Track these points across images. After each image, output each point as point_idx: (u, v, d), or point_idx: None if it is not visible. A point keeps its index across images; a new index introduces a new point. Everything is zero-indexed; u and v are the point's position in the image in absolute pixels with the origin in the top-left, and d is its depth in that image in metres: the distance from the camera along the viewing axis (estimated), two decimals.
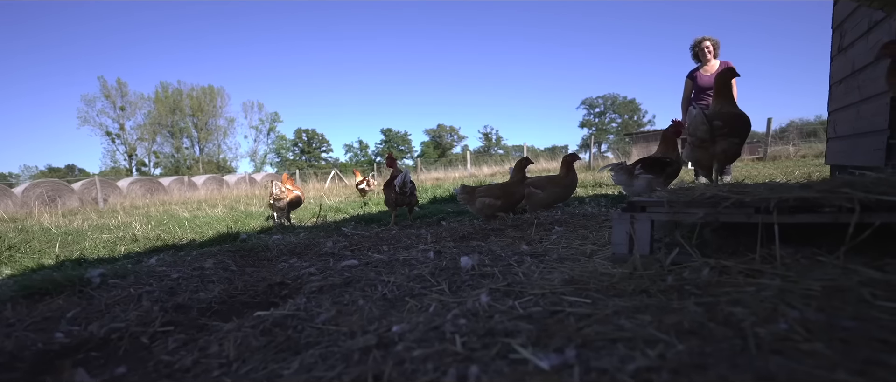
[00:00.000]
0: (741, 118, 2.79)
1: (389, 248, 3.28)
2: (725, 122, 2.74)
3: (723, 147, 2.75)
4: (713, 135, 2.77)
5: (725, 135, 2.70)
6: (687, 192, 2.04)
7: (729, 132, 2.71)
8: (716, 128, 2.70)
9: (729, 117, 2.79)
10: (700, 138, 2.79)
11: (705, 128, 2.73)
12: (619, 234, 2.06)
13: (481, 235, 3.57)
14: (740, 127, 2.77)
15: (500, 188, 3.92)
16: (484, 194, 3.91)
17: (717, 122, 2.69)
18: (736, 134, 2.73)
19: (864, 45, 3.17)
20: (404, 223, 4.92)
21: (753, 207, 1.74)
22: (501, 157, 44.11)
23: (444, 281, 1.95)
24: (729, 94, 2.82)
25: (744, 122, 2.76)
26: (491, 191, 3.92)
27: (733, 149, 2.78)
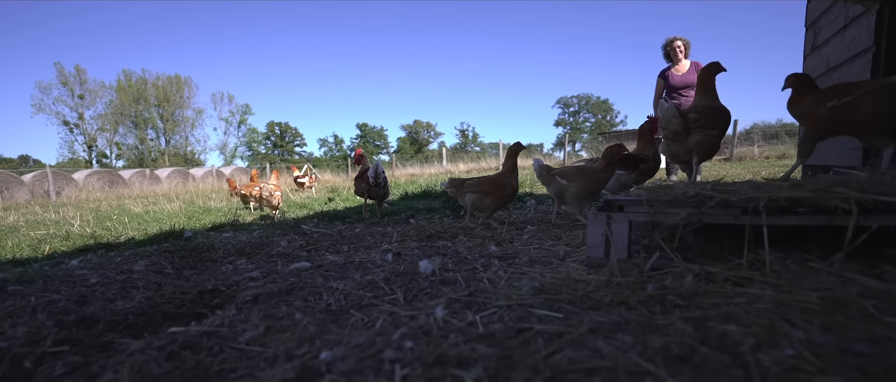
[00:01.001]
0: (719, 110, 2.66)
1: (349, 248, 3.02)
2: (701, 114, 2.63)
3: (698, 139, 2.64)
4: (687, 127, 2.66)
5: (701, 127, 2.59)
6: (667, 191, 1.87)
7: (704, 124, 2.60)
8: (691, 120, 2.58)
9: (705, 109, 2.67)
10: (673, 131, 2.68)
11: (677, 121, 2.62)
12: (594, 236, 1.87)
13: (449, 234, 3.35)
14: (717, 119, 2.64)
15: (489, 182, 3.51)
16: (472, 188, 3.50)
17: (692, 115, 2.57)
18: (712, 125, 2.62)
19: (840, 41, 3.10)
20: (372, 220, 4.66)
21: (740, 208, 1.58)
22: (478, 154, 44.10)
23: (399, 288, 1.71)
24: (711, 89, 2.70)
25: (722, 115, 2.65)
26: (480, 184, 3.39)
27: (710, 141, 2.66)
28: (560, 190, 3.33)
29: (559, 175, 3.23)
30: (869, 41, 2.64)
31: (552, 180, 3.27)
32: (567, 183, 3.16)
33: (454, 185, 3.63)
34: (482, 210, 3.51)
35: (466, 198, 3.52)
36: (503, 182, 3.46)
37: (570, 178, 3.16)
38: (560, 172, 3.25)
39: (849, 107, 1.98)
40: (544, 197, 5.86)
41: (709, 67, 2.75)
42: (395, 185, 9.36)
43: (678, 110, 2.67)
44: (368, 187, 4.45)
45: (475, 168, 24.76)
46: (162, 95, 53.41)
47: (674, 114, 2.58)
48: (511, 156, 3.55)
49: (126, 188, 21.13)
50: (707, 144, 2.63)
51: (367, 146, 56.15)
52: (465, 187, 3.55)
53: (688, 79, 6.40)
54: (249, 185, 7.27)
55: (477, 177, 3.66)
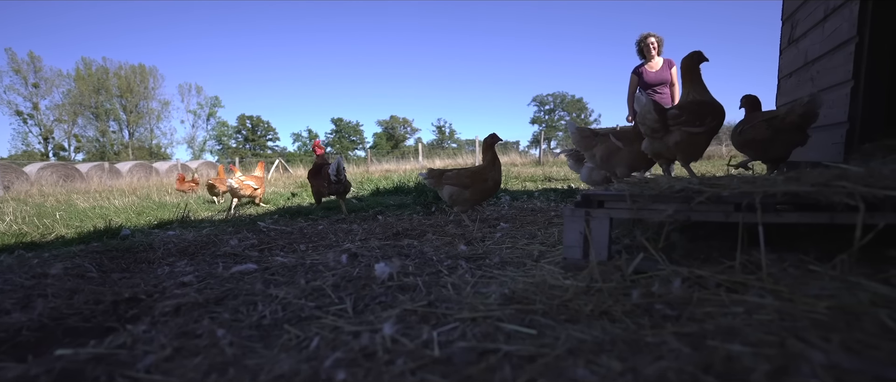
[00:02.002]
0: (705, 106, 2.40)
1: (307, 247, 2.75)
2: (683, 110, 2.37)
3: (677, 138, 2.36)
4: (666, 124, 2.44)
5: (682, 124, 2.33)
6: (650, 185, 1.69)
7: (686, 121, 2.34)
8: (671, 117, 2.38)
9: (688, 105, 2.46)
10: (650, 127, 2.43)
11: (653, 118, 2.38)
12: (571, 235, 1.68)
13: (417, 232, 3.13)
14: (702, 115, 2.36)
15: (469, 175, 3.17)
16: (452, 180, 3.20)
17: (673, 110, 2.38)
18: (696, 123, 2.34)
19: (820, 33, 3.03)
20: (337, 217, 4.38)
21: (733, 204, 1.41)
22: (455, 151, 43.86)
23: (349, 296, 1.48)
24: (697, 81, 2.46)
25: (710, 110, 2.38)
26: (460, 177, 3.18)
27: (692, 139, 2.37)
28: (450, 195, 3.21)
29: (614, 135, 2.86)
30: (851, 31, 2.55)
31: (597, 143, 2.91)
32: (624, 145, 2.82)
33: (433, 176, 3.36)
34: (461, 203, 3.28)
35: (445, 191, 3.28)
36: (484, 175, 3.23)
37: (625, 140, 2.81)
38: (615, 133, 2.89)
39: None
40: (518, 193, 5.71)
41: (691, 57, 2.55)
42: (367, 180, 9.06)
43: (656, 105, 2.43)
44: (330, 184, 4.20)
45: (452, 164, 24.57)
46: (125, 86, 50.96)
47: (650, 110, 2.37)
48: (488, 148, 3.33)
49: (83, 182, 19.97)
50: (688, 143, 2.37)
51: (342, 141, 55.15)
52: (444, 179, 3.29)
53: (661, 76, 6.36)
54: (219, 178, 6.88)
55: (457, 169, 3.41)
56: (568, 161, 3.66)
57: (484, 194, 3.22)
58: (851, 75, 2.51)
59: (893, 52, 2.37)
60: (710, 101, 2.41)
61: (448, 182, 3.26)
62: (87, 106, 50.61)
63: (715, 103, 2.41)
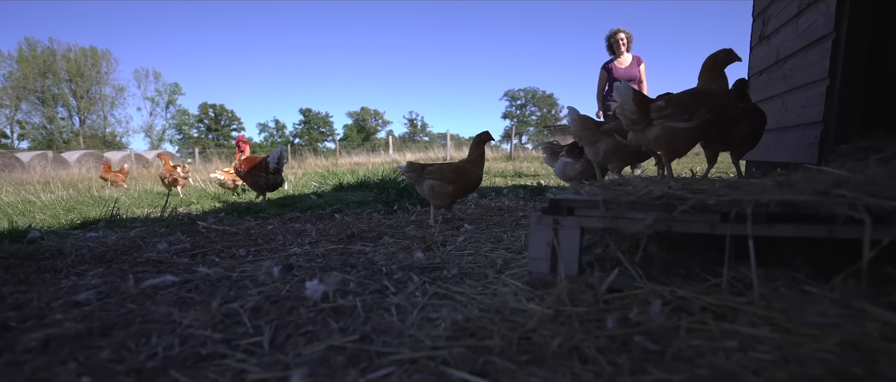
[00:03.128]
0: (700, 96, 2.07)
1: (247, 252, 2.45)
2: (670, 102, 2.08)
3: (657, 133, 2.11)
4: (647, 115, 2.14)
5: (665, 117, 2.06)
6: (625, 189, 1.50)
7: (671, 114, 2.04)
8: (654, 109, 2.10)
9: (678, 96, 2.13)
10: (629, 119, 2.19)
11: (632, 109, 2.13)
12: (537, 246, 1.46)
13: (375, 234, 2.86)
14: (692, 107, 2.03)
15: (453, 169, 3.00)
16: (434, 175, 3.00)
17: (658, 102, 2.11)
18: (683, 116, 2.03)
19: (793, 30, 2.94)
20: (291, 215, 4.05)
21: (719, 213, 1.23)
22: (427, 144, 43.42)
23: (269, 323, 1.21)
24: (710, 78, 2.13)
25: (704, 102, 2.04)
26: (443, 172, 3.00)
27: (672, 134, 2.09)
28: (431, 189, 3.00)
29: (618, 132, 2.55)
30: (828, 27, 2.45)
31: (601, 137, 2.62)
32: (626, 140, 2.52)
33: (414, 170, 3.11)
34: (441, 199, 3.09)
35: (425, 185, 3.04)
36: (469, 170, 3.04)
37: None
38: (618, 129, 2.57)
39: None
40: (486, 190, 5.52)
41: (715, 56, 2.17)
42: (329, 174, 8.68)
43: (636, 95, 2.15)
44: (267, 176, 3.93)
45: (423, 158, 24.30)
46: (74, 69, 47.76)
47: (629, 99, 2.15)
48: (479, 145, 3.15)
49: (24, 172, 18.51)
50: (669, 139, 2.10)
51: (311, 132, 53.73)
52: (425, 173, 3.06)
53: (630, 73, 6.30)
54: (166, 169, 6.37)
55: (440, 163, 3.19)
56: (543, 155, 3.48)
57: (467, 190, 3.06)
58: (827, 73, 2.41)
59: (870, 49, 2.28)
60: (708, 91, 2.10)
61: (431, 176, 3.05)
62: (31, 90, 47.16)
63: (714, 94, 2.10)
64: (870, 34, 2.29)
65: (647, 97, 2.20)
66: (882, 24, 2.33)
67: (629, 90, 2.14)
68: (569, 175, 3.13)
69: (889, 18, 2.35)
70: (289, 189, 6.57)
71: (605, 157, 2.69)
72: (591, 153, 2.76)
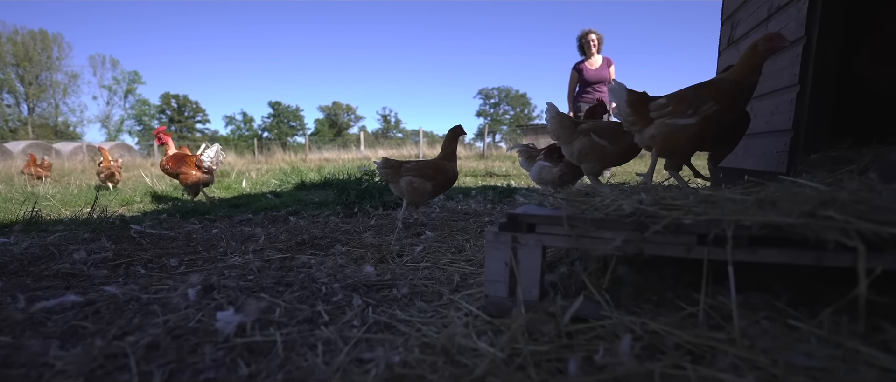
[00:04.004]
0: (709, 87, 1.81)
1: (180, 262, 2.19)
2: (671, 98, 1.84)
3: (652, 131, 1.89)
4: (645, 114, 1.92)
5: (668, 114, 1.79)
6: (593, 202, 1.34)
7: (673, 110, 1.79)
8: (654, 107, 1.85)
9: (687, 89, 1.86)
10: (626, 121, 2.00)
11: (629, 111, 1.91)
12: (494, 266, 1.29)
13: (327, 241, 2.63)
14: (696, 101, 1.76)
15: (432, 166, 2.90)
16: (412, 172, 2.86)
17: (661, 100, 1.86)
18: (686, 112, 1.75)
19: (762, 34, 2.88)
20: (242, 216, 3.76)
21: (696, 234, 1.08)
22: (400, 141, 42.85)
23: (162, 367, 0.98)
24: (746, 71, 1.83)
25: (713, 93, 1.78)
26: (421, 169, 2.87)
27: (672, 132, 1.82)
28: (409, 187, 2.83)
29: (595, 132, 2.35)
30: (799, 31, 2.39)
31: (577, 136, 2.45)
32: (608, 143, 2.35)
33: (389, 167, 2.91)
34: (420, 196, 2.93)
35: (402, 182, 2.88)
36: (445, 166, 2.93)
37: (612, 137, 2.31)
38: (594, 128, 2.37)
39: None
40: (454, 191, 5.34)
41: (755, 46, 1.85)
42: (295, 172, 8.30)
43: (630, 94, 1.94)
44: (200, 175, 3.71)
45: (396, 154, 23.96)
46: (21, 53, 44.65)
47: (624, 100, 1.89)
48: (452, 140, 2.99)
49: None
50: (665, 136, 1.83)
51: (281, 126, 52.22)
52: (403, 170, 2.89)
53: (600, 74, 6.24)
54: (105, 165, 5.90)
55: (417, 161, 3.02)
56: (519, 158, 3.30)
57: (444, 187, 2.95)
58: (798, 79, 2.35)
59: (840, 55, 2.22)
60: (714, 82, 1.83)
61: (409, 173, 2.89)
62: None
63: (721, 84, 1.80)
64: (840, 40, 2.24)
65: (646, 96, 1.95)
66: (851, 30, 2.28)
67: (623, 90, 1.94)
68: (546, 179, 2.97)
69: (858, 25, 2.31)
70: (246, 187, 6.21)
71: (580, 157, 2.54)
72: (567, 152, 2.62)
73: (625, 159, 2.56)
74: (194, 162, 4.07)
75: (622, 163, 2.62)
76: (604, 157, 2.48)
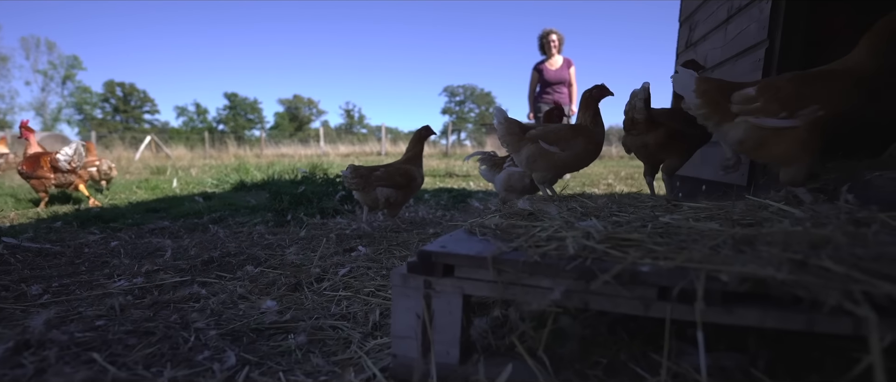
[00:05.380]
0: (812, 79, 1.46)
1: (46, 288, 1.81)
2: (762, 89, 1.48)
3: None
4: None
5: (755, 111, 1.46)
6: (531, 233, 1.06)
7: (763, 107, 1.44)
8: (743, 98, 1.48)
9: (779, 80, 1.51)
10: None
11: (699, 103, 1.58)
12: (403, 318, 0.99)
13: (241, 259, 2.26)
14: (796, 96, 1.42)
15: (402, 173, 2.67)
16: (384, 181, 2.61)
17: (747, 91, 1.49)
18: (781, 113, 1.42)
19: (721, 36, 2.74)
20: (154, 225, 3.28)
21: (657, 287, 0.82)
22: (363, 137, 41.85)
23: None
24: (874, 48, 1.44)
25: (820, 85, 1.44)
26: (392, 176, 2.63)
27: (767, 137, 1.49)
28: (386, 199, 2.59)
29: (543, 138, 2.16)
30: (761, 34, 2.23)
31: (525, 143, 2.23)
32: (558, 150, 2.13)
33: (359, 176, 2.59)
34: (395, 207, 2.68)
35: (378, 194, 2.60)
36: (413, 172, 2.71)
37: (562, 142, 2.12)
38: (542, 134, 2.17)
39: None
40: None
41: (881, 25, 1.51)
42: (242, 169, 7.70)
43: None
44: (57, 175, 3.40)
45: (358, 151, 23.30)
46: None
47: (692, 88, 1.59)
48: (419, 141, 2.78)
49: None
50: (758, 143, 1.50)
51: (238, 119, 49.91)
52: (374, 180, 2.60)
53: (560, 75, 6.13)
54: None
55: (386, 167, 2.73)
56: (480, 167, 2.95)
57: (413, 192, 2.75)
58: None
59: (804, 60, 2.07)
60: (829, 74, 1.51)
61: (381, 183, 2.61)
62: None
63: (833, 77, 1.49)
64: (803, 44, 2.09)
65: (724, 83, 1.57)
66: (815, 33, 2.14)
67: (690, 78, 1.59)
68: (516, 187, 2.68)
69: (822, 28, 2.18)
70: (176, 187, 5.62)
71: (529, 165, 2.31)
72: (517, 161, 2.40)
73: (578, 166, 2.35)
74: (49, 163, 3.58)
75: (576, 170, 2.41)
76: (554, 165, 2.26)
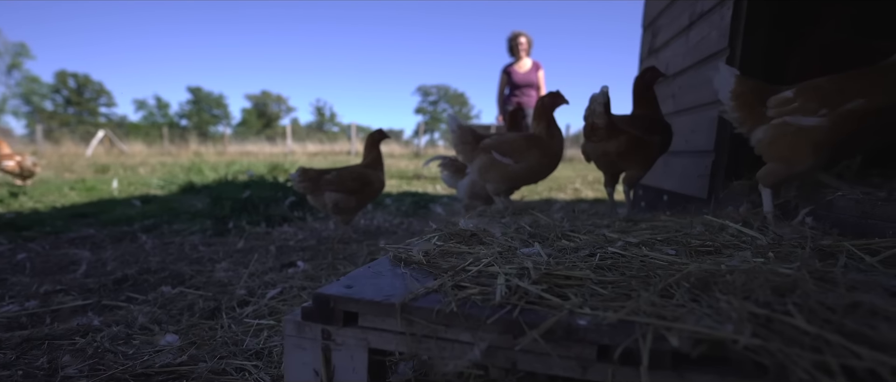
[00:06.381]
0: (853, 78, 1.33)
1: None
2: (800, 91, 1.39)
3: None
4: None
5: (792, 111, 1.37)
6: (453, 269, 0.89)
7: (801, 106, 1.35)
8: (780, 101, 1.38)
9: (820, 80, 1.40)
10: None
11: (733, 105, 1.50)
12: (296, 374, 0.80)
13: (161, 277, 2.01)
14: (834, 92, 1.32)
15: (355, 176, 2.53)
16: (334, 186, 2.47)
17: (786, 93, 1.40)
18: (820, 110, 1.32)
19: (683, 43, 2.68)
20: (76, 233, 2.95)
21: (596, 345, 0.67)
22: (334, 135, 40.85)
23: None
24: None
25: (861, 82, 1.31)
26: (343, 180, 2.49)
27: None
28: (335, 204, 2.46)
29: (497, 149, 2.11)
30: (721, 43, 2.15)
31: (478, 154, 2.16)
32: (512, 161, 2.08)
33: (308, 179, 2.48)
34: (346, 213, 2.56)
35: (327, 199, 2.46)
36: (370, 176, 2.58)
37: (516, 154, 2.07)
38: (495, 145, 2.12)
39: None
40: None
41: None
42: (193, 169, 7.27)
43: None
44: None
45: (327, 150, 22.70)
46: None
47: (729, 88, 1.50)
48: (373, 146, 2.68)
49: None
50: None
51: (202, 114, 47.99)
52: (323, 184, 2.49)
53: (528, 78, 6.08)
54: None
55: (339, 170, 2.56)
56: (442, 173, 2.77)
57: (369, 198, 2.63)
58: None
59: (765, 70, 2.01)
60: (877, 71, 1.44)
61: (330, 187, 2.47)
62: None
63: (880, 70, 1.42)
64: (764, 53, 2.03)
65: (764, 86, 1.47)
66: (778, 41, 2.08)
67: (731, 76, 1.50)
68: (480, 194, 2.50)
69: (785, 35, 2.11)
70: (115, 189, 5.20)
71: (482, 176, 2.18)
72: (470, 170, 2.26)
73: (533, 179, 2.23)
74: None
75: (531, 182, 2.28)
76: (507, 177, 2.12)
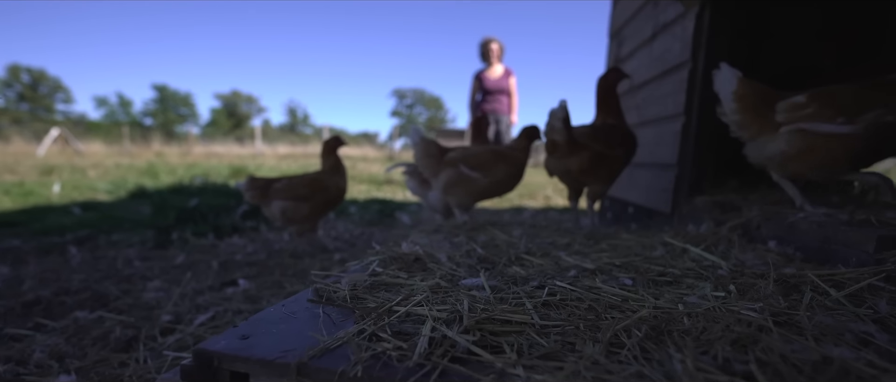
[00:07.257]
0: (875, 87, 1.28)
1: None
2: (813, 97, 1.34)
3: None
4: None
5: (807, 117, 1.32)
6: (378, 310, 0.77)
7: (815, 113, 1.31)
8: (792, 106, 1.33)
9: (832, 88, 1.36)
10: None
11: (735, 107, 1.44)
12: None
13: (79, 300, 1.81)
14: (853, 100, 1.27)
15: (308, 183, 2.46)
16: (282, 194, 2.41)
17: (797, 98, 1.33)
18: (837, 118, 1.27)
19: (647, 54, 2.65)
20: (1, 245, 2.67)
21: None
22: (307, 137, 40.02)
23: None
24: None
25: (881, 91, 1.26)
26: (293, 187, 2.42)
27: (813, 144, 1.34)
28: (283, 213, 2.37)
29: (464, 162, 2.02)
30: (683, 55, 2.12)
31: (443, 168, 2.06)
32: (480, 175, 2.01)
33: (255, 188, 2.43)
34: (299, 222, 2.49)
35: (274, 207, 2.39)
36: (325, 181, 2.51)
37: (483, 167, 2.01)
38: (462, 158, 2.04)
39: None
40: None
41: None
42: (147, 172, 6.88)
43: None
44: None
45: (299, 152, 22.18)
46: None
47: (731, 89, 1.43)
48: (330, 153, 2.61)
49: None
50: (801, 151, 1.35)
51: (167, 113, 46.19)
52: (272, 192, 2.45)
53: (500, 84, 6.06)
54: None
55: (289, 177, 2.48)
56: (408, 182, 2.60)
57: (327, 206, 2.57)
58: (683, 109, 2.08)
59: None
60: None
61: (278, 196, 2.43)
62: None
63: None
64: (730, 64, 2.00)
65: (770, 91, 1.40)
66: (740, 54, 2.07)
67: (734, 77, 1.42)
68: (437, 204, 2.38)
69: (748, 49, 2.10)
70: (56, 194, 4.83)
71: (447, 190, 2.08)
72: (435, 184, 2.15)
73: (500, 192, 2.14)
74: None
75: (497, 196, 2.19)
76: (474, 191, 2.02)
